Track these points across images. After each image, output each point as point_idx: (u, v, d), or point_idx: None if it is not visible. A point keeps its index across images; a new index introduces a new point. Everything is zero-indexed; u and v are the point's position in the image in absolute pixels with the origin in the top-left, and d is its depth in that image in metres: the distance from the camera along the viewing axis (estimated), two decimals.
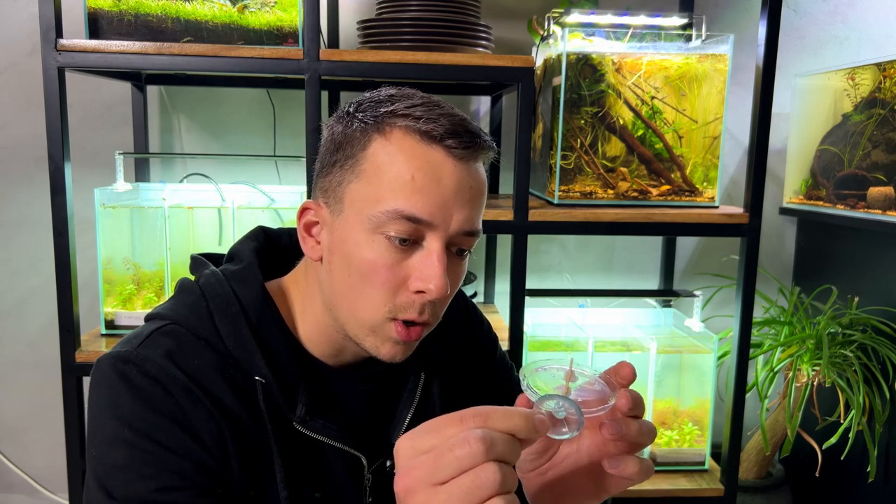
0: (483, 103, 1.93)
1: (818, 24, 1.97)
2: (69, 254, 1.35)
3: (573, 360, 0.58)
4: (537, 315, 1.71)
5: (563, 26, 1.51)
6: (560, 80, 1.44)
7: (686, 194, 1.53)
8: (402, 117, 0.66)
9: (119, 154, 1.53)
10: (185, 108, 1.86)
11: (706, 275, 1.98)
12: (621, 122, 1.48)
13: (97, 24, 1.36)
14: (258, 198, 1.52)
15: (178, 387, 0.65)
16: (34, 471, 1.93)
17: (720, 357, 1.70)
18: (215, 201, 1.51)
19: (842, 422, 1.57)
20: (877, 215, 1.64)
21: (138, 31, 1.36)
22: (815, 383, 1.63)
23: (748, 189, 1.48)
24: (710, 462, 1.62)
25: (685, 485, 1.55)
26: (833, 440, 1.57)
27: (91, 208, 1.46)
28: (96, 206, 1.45)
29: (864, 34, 1.98)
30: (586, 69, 1.45)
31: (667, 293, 1.87)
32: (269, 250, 0.80)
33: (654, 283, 2.00)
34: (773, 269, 2.04)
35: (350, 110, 0.70)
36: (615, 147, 1.49)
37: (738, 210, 1.51)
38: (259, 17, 1.37)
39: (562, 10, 1.56)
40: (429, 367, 0.81)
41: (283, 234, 0.83)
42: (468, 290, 1.77)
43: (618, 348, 1.59)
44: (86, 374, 1.40)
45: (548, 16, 1.58)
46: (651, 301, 1.84)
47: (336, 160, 0.69)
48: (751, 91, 1.48)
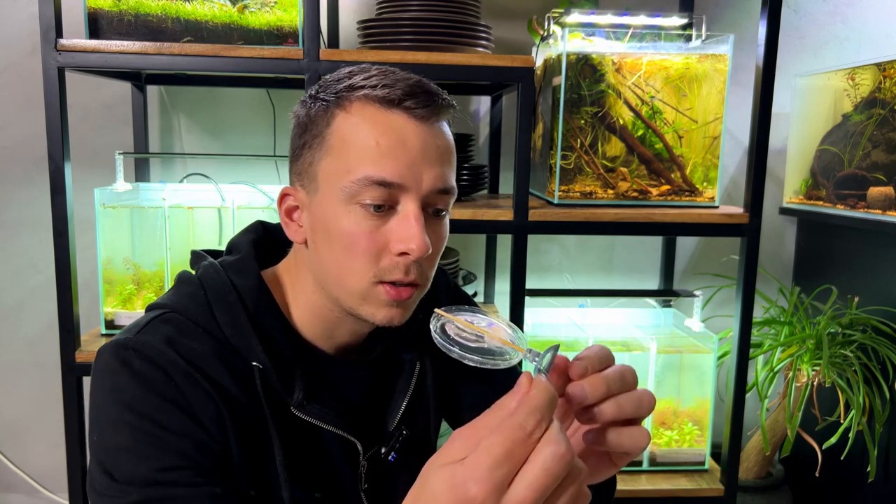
0: (483, 103, 1.93)
1: (818, 24, 1.97)
2: (69, 254, 1.35)
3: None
4: (537, 315, 1.71)
5: (563, 26, 1.51)
6: (560, 80, 1.44)
7: (686, 194, 1.53)
8: (359, 89, 0.68)
9: (119, 154, 1.53)
10: (185, 108, 1.86)
11: (706, 275, 1.98)
12: (621, 122, 1.48)
13: (97, 24, 1.36)
14: (258, 198, 1.52)
15: (178, 370, 0.66)
16: (34, 471, 1.93)
17: (720, 357, 1.70)
18: (215, 201, 1.51)
19: (842, 422, 1.57)
20: (877, 215, 1.64)
21: (138, 31, 1.36)
22: (815, 383, 1.63)
23: (748, 189, 1.48)
24: (710, 462, 1.62)
25: (685, 485, 1.55)
26: (833, 440, 1.57)
27: (91, 208, 1.46)
28: (96, 206, 1.45)
29: (864, 34, 1.98)
30: (586, 69, 1.45)
31: (667, 293, 1.87)
32: (267, 243, 0.82)
33: (654, 283, 2.00)
34: (773, 269, 2.04)
35: (312, 93, 0.72)
36: (615, 147, 1.49)
37: (738, 210, 1.51)
38: (259, 17, 1.37)
39: (562, 10, 1.56)
40: (424, 354, 0.82)
41: (281, 227, 0.85)
42: (468, 290, 1.77)
43: (618, 348, 1.59)
44: (86, 374, 1.40)
45: (548, 16, 1.58)
46: (651, 301, 1.84)
47: (304, 142, 0.71)
48: (751, 91, 1.48)
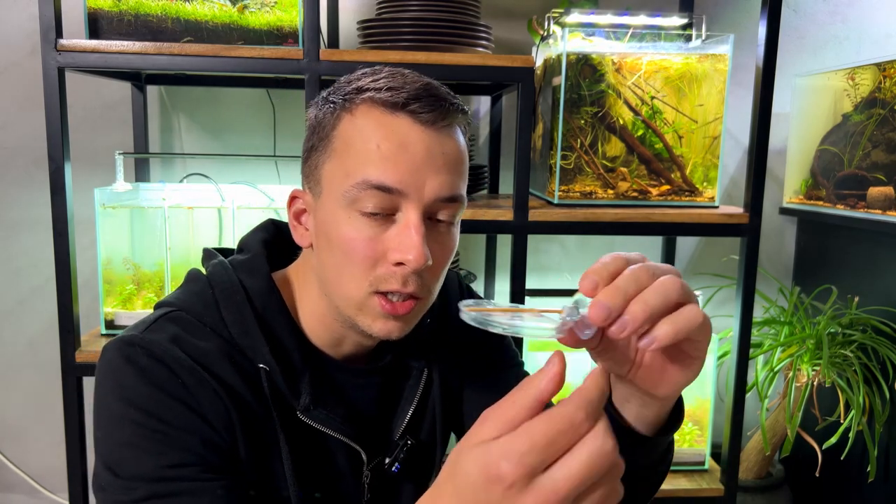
0: (483, 103, 1.93)
1: (818, 24, 1.97)
2: (69, 254, 1.35)
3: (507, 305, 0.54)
4: None
5: (563, 26, 1.51)
6: (560, 80, 1.44)
7: (686, 194, 1.53)
8: (366, 91, 0.67)
9: (119, 154, 1.52)
10: (185, 108, 1.86)
11: (706, 275, 1.98)
12: (621, 122, 1.48)
13: (97, 25, 1.36)
14: (258, 198, 1.52)
15: (184, 368, 0.65)
16: (34, 471, 1.93)
17: (720, 357, 1.70)
18: (215, 201, 1.51)
19: (842, 422, 1.57)
20: (877, 215, 1.64)
21: (138, 31, 1.36)
22: (815, 383, 1.63)
23: (748, 189, 1.48)
24: (710, 462, 1.62)
25: (685, 485, 1.55)
26: (833, 440, 1.57)
27: (91, 208, 1.46)
28: (96, 206, 1.45)
29: (864, 34, 1.98)
30: (586, 69, 1.45)
31: None
32: (279, 242, 0.80)
33: None
34: (773, 269, 2.04)
35: (324, 95, 0.71)
36: (615, 147, 1.49)
37: (738, 210, 1.51)
38: (259, 17, 1.37)
39: (562, 10, 1.56)
40: (432, 362, 0.80)
41: None
42: None
43: None
44: (86, 375, 1.40)
45: (548, 16, 1.58)
46: None
47: (312, 145, 0.70)
48: (751, 91, 1.48)
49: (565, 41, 1.42)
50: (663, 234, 1.85)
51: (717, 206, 1.53)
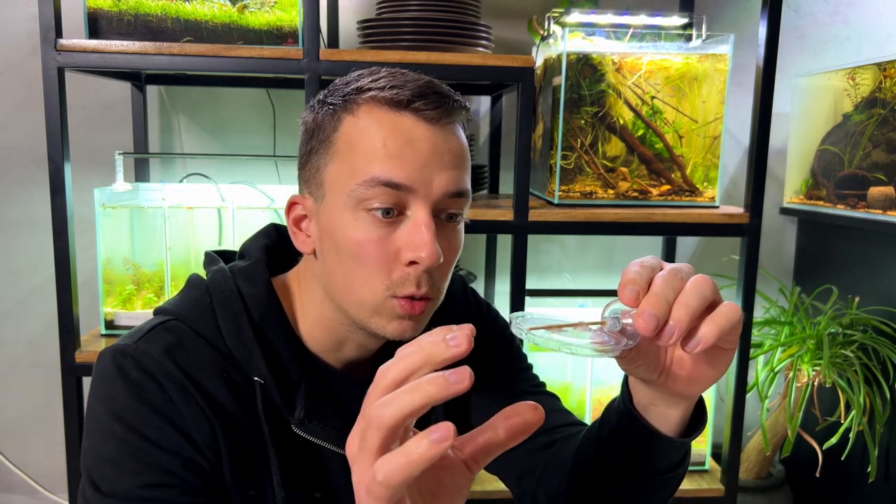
0: (483, 103, 1.93)
1: (818, 24, 1.97)
2: (69, 254, 1.35)
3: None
4: None
5: (563, 26, 1.51)
6: (560, 80, 1.44)
7: (686, 194, 1.53)
8: (367, 91, 0.66)
9: (119, 154, 1.52)
10: (185, 108, 1.86)
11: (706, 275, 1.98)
12: (621, 122, 1.48)
13: (97, 24, 1.36)
14: (258, 198, 1.52)
15: (174, 383, 0.65)
16: (34, 471, 1.93)
17: None
18: (215, 201, 1.51)
19: (842, 422, 1.56)
20: (877, 215, 1.64)
21: (138, 31, 1.36)
22: (815, 383, 1.63)
23: (748, 189, 1.47)
24: (710, 462, 1.62)
25: (685, 485, 1.55)
26: (833, 440, 1.57)
27: (91, 208, 1.46)
28: (96, 206, 1.45)
29: (864, 34, 1.98)
30: (586, 69, 1.45)
31: None
32: (281, 247, 0.79)
33: None
34: (773, 269, 2.03)
35: (320, 98, 0.70)
36: (615, 147, 1.49)
37: (739, 210, 1.51)
38: (259, 17, 1.37)
39: (562, 10, 1.56)
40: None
41: None
42: None
43: None
44: (86, 375, 1.40)
45: (548, 16, 1.58)
46: None
47: (311, 148, 0.69)
48: (751, 91, 1.47)
49: (565, 41, 1.42)
50: (663, 234, 1.85)
51: (717, 206, 1.53)
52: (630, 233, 1.47)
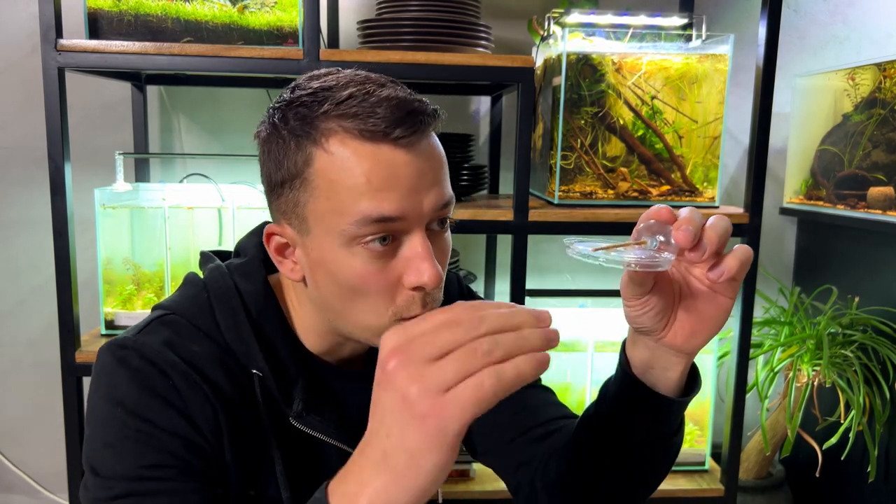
0: (483, 103, 1.93)
1: (818, 24, 1.97)
2: (69, 254, 1.35)
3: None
4: None
5: (563, 26, 1.51)
6: (560, 80, 1.44)
7: (686, 194, 1.53)
8: (335, 119, 0.62)
9: (119, 154, 1.52)
10: (185, 108, 1.86)
11: None
12: (621, 122, 1.48)
13: (97, 25, 1.36)
14: (258, 198, 1.52)
15: (176, 371, 0.65)
16: (34, 471, 1.93)
17: (720, 357, 1.70)
18: (215, 201, 1.51)
19: (842, 422, 1.57)
20: (877, 215, 1.64)
21: (138, 32, 1.36)
22: (815, 383, 1.63)
23: (748, 189, 1.48)
24: (710, 462, 1.62)
25: (685, 485, 1.55)
26: (833, 440, 1.57)
27: (91, 208, 1.46)
28: (96, 206, 1.45)
29: (864, 34, 1.98)
30: (586, 69, 1.45)
31: None
32: None
33: None
34: (773, 269, 2.03)
35: (278, 116, 0.66)
36: (615, 147, 1.49)
37: (738, 210, 1.51)
38: (259, 17, 1.37)
39: (562, 10, 1.56)
40: None
41: None
42: None
43: (618, 349, 1.59)
44: (86, 375, 1.40)
45: (548, 16, 1.58)
46: None
47: (283, 180, 0.65)
48: (751, 91, 1.47)
49: (565, 41, 1.42)
50: None
51: (717, 206, 1.53)
52: (630, 233, 1.46)
